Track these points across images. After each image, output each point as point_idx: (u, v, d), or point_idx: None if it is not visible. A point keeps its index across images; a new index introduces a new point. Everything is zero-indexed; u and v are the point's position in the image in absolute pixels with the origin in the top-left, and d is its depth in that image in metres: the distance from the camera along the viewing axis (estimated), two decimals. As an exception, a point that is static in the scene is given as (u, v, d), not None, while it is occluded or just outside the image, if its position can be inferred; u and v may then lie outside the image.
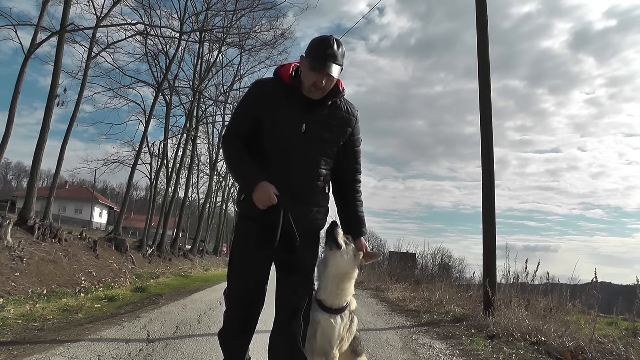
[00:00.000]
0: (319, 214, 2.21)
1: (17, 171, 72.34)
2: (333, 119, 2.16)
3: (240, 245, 2.23)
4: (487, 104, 6.69)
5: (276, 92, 2.13)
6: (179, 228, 21.43)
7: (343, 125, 2.19)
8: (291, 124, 2.10)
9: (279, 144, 2.12)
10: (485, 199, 6.53)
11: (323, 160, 2.16)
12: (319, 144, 2.13)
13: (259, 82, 2.29)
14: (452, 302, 7.92)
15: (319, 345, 2.24)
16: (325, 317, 2.20)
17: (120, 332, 4.12)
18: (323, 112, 2.14)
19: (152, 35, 15.80)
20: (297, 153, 2.10)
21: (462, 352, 4.31)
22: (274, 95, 2.13)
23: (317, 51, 2.03)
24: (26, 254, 7.13)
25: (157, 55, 17.88)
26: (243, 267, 2.18)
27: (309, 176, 2.14)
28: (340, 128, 2.18)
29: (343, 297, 2.24)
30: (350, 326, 2.32)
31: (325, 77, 2.02)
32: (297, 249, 2.06)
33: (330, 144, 2.16)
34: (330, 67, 2.00)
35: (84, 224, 34.55)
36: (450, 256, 22.96)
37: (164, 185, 21.50)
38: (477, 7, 6.83)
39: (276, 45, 19.82)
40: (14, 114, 9.51)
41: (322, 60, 2.00)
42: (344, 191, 2.33)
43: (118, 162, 19.05)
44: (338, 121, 2.17)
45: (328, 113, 2.15)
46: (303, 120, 2.10)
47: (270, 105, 2.12)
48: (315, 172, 2.15)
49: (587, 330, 4.60)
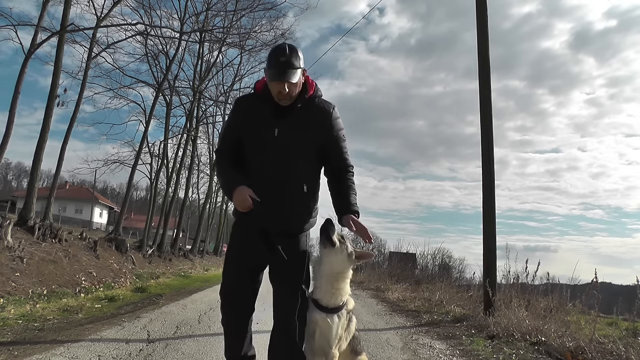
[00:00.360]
0: (298, 215, 2.25)
1: (17, 171, 72.39)
2: (305, 120, 2.21)
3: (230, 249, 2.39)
4: (487, 104, 6.69)
5: (252, 104, 2.28)
6: (179, 228, 21.43)
7: (316, 125, 2.23)
8: (264, 130, 2.20)
9: (255, 150, 2.24)
10: (485, 199, 6.53)
11: (299, 162, 2.22)
12: (292, 146, 2.20)
13: (238, 99, 2.47)
14: (452, 302, 7.92)
15: (318, 345, 2.25)
16: (322, 316, 2.21)
17: (120, 332, 4.12)
18: (294, 116, 2.20)
19: (152, 35, 15.81)
20: (270, 156, 2.20)
21: (462, 352, 4.31)
22: (249, 108, 2.28)
23: (271, 61, 2.12)
24: (26, 254, 7.13)
25: (157, 55, 17.89)
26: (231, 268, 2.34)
27: (284, 178, 2.20)
28: (313, 129, 2.22)
29: (339, 296, 2.24)
30: (348, 325, 2.32)
31: (285, 84, 2.09)
32: (277, 251, 2.13)
33: (305, 145, 2.22)
34: (285, 75, 2.07)
35: (84, 224, 34.57)
36: (450, 256, 22.99)
37: (164, 185, 21.52)
38: (477, 7, 6.83)
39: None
40: (14, 114, 9.53)
41: (276, 69, 2.09)
42: (335, 181, 2.34)
43: (118, 162, 19.06)
44: (310, 122, 2.22)
45: (299, 116, 2.21)
46: (275, 125, 2.19)
47: (248, 118, 2.26)
48: (290, 173, 2.21)
49: (587, 330, 4.60)
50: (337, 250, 2.20)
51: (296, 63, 2.10)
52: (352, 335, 2.38)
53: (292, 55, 2.10)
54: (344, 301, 2.27)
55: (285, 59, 2.08)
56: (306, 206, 2.28)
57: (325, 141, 2.27)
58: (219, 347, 3.56)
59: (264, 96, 2.22)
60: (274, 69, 2.09)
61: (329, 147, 2.28)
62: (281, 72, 2.08)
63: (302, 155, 2.23)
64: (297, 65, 2.11)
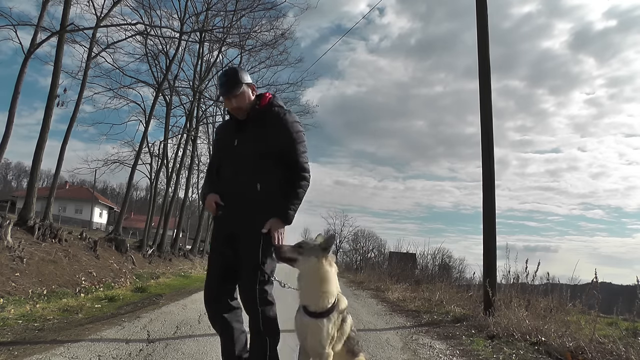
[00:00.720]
0: (254, 214, 2.44)
1: (17, 171, 72.35)
2: (259, 128, 2.51)
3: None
4: (487, 104, 6.69)
5: (224, 126, 2.81)
6: (179, 228, 21.44)
7: (269, 131, 2.50)
8: (228, 142, 2.59)
9: (222, 160, 2.62)
10: (485, 199, 6.53)
11: (253, 165, 2.47)
12: (248, 153, 2.48)
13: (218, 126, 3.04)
14: (452, 302, 7.92)
15: (310, 347, 2.30)
16: (311, 321, 2.26)
17: (120, 332, 4.12)
18: (249, 126, 2.53)
19: (152, 35, 15.80)
20: (231, 164, 2.54)
21: (462, 352, 4.31)
22: (222, 129, 2.81)
23: (218, 84, 2.60)
24: (26, 254, 7.13)
25: (157, 55, 17.88)
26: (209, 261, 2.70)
27: (242, 182, 2.48)
28: (266, 134, 2.49)
29: (324, 299, 2.26)
30: (342, 325, 2.33)
31: (231, 100, 2.49)
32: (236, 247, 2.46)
33: (258, 150, 2.47)
34: (228, 92, 2.48)
35: (84, 224, 34.57)
36: (450, 256, 23.05)
37: (164, 185, 21.52)
38: (477, 7, 6.83)
39: (276, 45, 19.79)
40: (14, 114, 9.52)
41: (221, 87, 2.56)
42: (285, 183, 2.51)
43: (118, 162, 19.06)
44: (264, 129, 2.50)
45: (254, 125, 2.52)
46: (235, 137, 2.55)
47: (221, 137, 2.76)
48: (246, 177, 2.47)
49: (587, 330, 4.60)
50: (304, 260, 2.27)
51: (237, 80, 2.49)
52: (346, 335, 2.38)
53: (232, 75, 2.54)
54: (333, 302, 2.28)
55: (226, 79, 2.52)
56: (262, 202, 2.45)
57: (279, 143, 2.48)
58: (219, 347, 3.60)
59: (230, 115, 2.63)
60: (220, 88, 2.58)
61: (284, 149, 2.49)
62: (224, 90, 2.51)
63: (260, 160, 2.47)
64: (239, 81, 2.49)
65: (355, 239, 65.41)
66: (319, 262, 2.26)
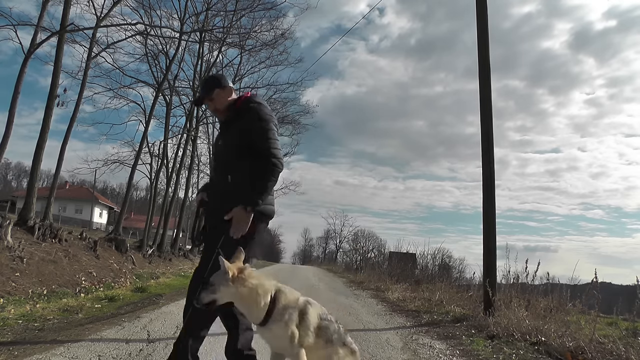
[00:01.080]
0: (222, 204, 2.59)
1: (17, 171, 72.30)
2: (235, 125, 2.72)
3: None
4: (487, 104, 6.69)
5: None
6: (179, 228, 21.43)
7: (243, 125, 2.68)
8: (216, 144, 2.93)
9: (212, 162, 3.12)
10: (485, 199, 6.53)
11: (228, 160, 2.70)
12: (228, 149, 2.72)
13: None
14: (452, 302, 7.92)
15: (279, 349, 2.28)
16: (260, 330, 2.27)
17: (120, 332, 4.12)
18: (229, 125, 2.78)
19: (152, 35, 15.80)
20: (214, 162, 2.91)
21: (462, 352, 4.31)
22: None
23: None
24: (26, 254, 7.13)
25: (157, 55, 17.87)
26: None
27: (218, 177, 2.77)
28: (240, 133, 2.67)
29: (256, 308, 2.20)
30: (302, 319, 2.22)
31: (207, 102, 2.83)
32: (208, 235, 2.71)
33: (236, 146, 2.66)
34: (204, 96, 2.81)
35: (84, 224, 34.55)
36: (450, 256, 22.99)
37: (164, 185, 21.49)
38: (477, 7, 6.83)
39: (276, 45, 19.82)
40: (14, 114, 9.52)
41: (200, 92, 2.92)
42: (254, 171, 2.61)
43: (118, 162, 19.04)
44: (239, 125, 2.70)
45: (232, 123, 2.76)
46: (221, 137, 2.87)
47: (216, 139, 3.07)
48: (220, 171, 2.73)
49: (587, 330, 4.60)
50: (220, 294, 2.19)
51: (211, 85, 2.81)
52: (313, 326, 2.24)
53: (207, 80, 3.05)
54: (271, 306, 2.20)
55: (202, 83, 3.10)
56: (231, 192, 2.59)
57: (248, 134, 2.64)
58: (219, 347, 3.58)
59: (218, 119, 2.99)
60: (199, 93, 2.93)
61: (253, 138, 2.63)
62: (200, 93, 2.88)
63: (228, 153, 2.70)
64: (212, 86, 2.78)
65: (355, 239, 65.29)
66: (229, 288, 2.17)
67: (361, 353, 3.91)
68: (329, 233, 69.51)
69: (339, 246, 68.46)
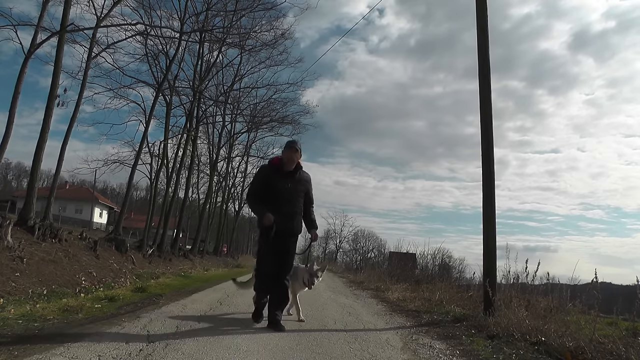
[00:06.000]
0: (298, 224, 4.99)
1: (17, 171, 72.28)
2: (300, 181, 4.91)
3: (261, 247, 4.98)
4: (487, 104, 6.69)
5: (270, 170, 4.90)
6: (179, 228, 21.45)
7: (305, 183, 4.99)
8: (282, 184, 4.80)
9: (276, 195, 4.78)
10: (485, 199, 6.53)
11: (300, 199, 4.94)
12: (298, 193, 4.91)
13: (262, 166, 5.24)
14: (452, 302, 7.91)
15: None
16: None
17: (120, 332, 4.12)
18: (295, 176, 4.85)
19: (152, 35, 15.82)
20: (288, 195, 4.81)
21: (462, 352, 4.31)
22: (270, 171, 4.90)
23: (288, 144, 4.91)
24: (26, 254, 7.13)
25: (157, 55, 17.91)
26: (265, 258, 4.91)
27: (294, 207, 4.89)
28: (304, 185, 4.96)
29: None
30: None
31: (294, 154, 4.80)
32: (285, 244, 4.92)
33: (300, 192, 4.93)
34: (298, 149, 4.84)
35: (84, 224, 34.57)
36: (450, 256, 23.01)
37: (164, 185, 21.57)
38: (477, 8, 6.83)
39: (276, 45, 19.90)
40: (14, 114, 9.54)
41: (291, 145, 4.88)
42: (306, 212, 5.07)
43: (118, 162, 19.07)
44: (303, 181, 4.95)
45: (297, 179, 4.88)
46: (289, 182, 4.82)
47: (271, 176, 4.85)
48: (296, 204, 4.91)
49: (587, 330, 4.60)
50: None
51: (295, 147, 4.83)
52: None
53: (298, 142, 4.99)
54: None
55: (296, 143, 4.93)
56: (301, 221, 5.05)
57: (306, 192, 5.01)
58: (219, 347, 3.58)
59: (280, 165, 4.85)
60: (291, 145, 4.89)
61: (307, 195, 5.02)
62: (295, 147, 4.84)
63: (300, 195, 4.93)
64: (296, 148, 4.84)
65: (355, 239, 65.31)
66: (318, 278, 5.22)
67: (361, 353, 3.91)
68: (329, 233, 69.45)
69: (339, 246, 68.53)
